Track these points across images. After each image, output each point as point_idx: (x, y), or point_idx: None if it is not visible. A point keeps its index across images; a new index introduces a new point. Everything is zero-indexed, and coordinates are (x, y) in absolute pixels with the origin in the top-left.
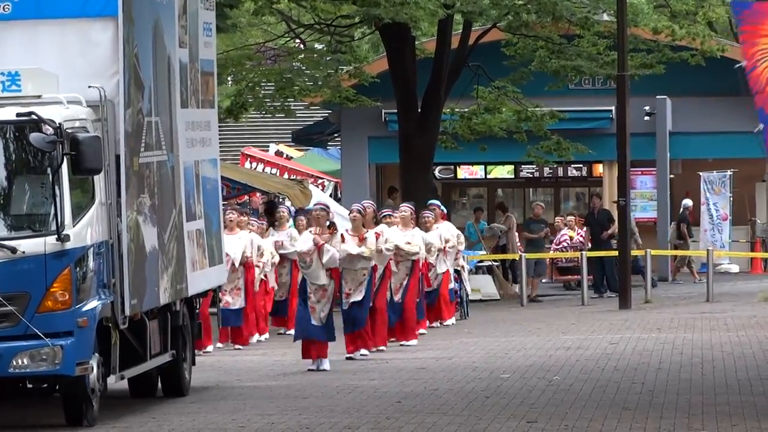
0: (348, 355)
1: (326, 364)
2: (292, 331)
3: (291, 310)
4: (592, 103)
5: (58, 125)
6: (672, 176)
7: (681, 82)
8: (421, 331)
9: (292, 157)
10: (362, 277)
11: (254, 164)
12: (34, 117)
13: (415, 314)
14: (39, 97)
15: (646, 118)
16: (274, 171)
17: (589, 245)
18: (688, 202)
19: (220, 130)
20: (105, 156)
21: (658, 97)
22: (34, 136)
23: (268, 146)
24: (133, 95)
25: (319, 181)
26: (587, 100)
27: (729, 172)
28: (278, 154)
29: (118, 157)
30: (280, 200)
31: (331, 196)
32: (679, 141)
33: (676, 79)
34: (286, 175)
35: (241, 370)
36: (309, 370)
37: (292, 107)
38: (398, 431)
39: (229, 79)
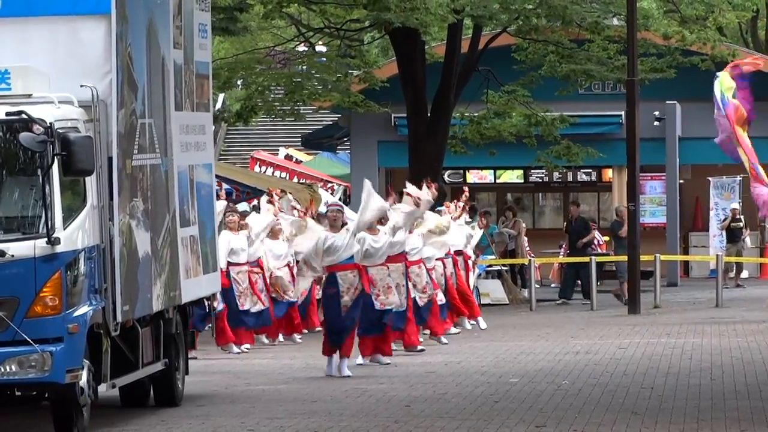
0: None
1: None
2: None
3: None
4: (601, 107)
5: (48, 125)
6: (681, 181)
7: (691, 87)
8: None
9: (301, 161)
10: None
11: (264, 168)
12: (24, 116)
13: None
14: (29, 96)
15: (656, 123)
16: (283, 175)
17: (567, 252)
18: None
19: (230, 134)
20: (97, 157)
21: (667, 102)
22: (24, 136)
23: (278, 150)
24: (126, 96)
25: (329, 185)
26: (597, 105)
27: (738, 178)
28: (288, 158)
29: (110, 159)
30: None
31: (340, 200)
32: (689, 146)
33: (686, 84)
34: (295, 179)
35: (250, 374)
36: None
37: (301, 111)
38: None
39: (239, 82)
